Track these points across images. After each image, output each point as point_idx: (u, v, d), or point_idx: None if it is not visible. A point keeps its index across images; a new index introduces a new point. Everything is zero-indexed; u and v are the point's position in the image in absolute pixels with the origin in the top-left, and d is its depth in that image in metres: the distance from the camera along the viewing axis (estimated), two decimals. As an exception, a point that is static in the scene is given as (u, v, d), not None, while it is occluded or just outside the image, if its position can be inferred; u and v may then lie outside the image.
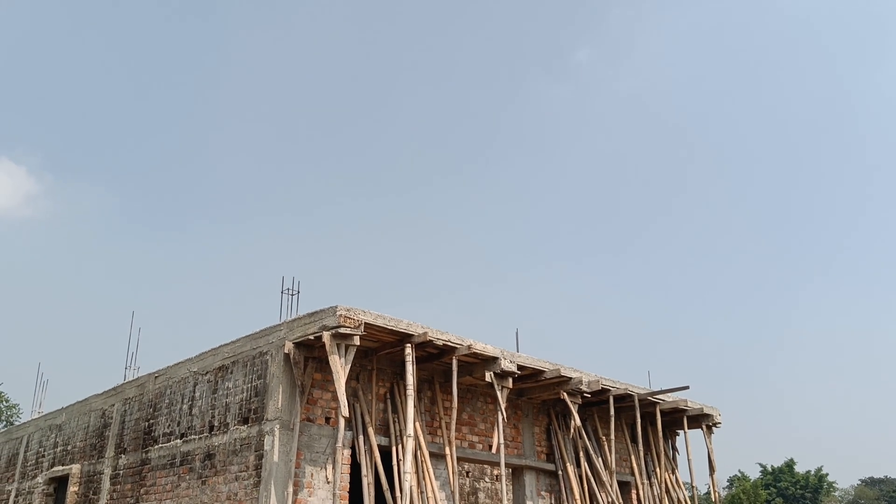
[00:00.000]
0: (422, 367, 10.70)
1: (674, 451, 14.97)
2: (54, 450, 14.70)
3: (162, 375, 12.12)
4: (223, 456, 10.11)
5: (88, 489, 12.99)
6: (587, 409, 13.24)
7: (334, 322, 9.20)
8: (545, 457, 12.62)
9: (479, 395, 11.97)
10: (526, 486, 12.11)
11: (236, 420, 10.15)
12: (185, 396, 11.38)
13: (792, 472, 74.70)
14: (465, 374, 10.99)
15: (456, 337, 10.40)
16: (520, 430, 12.41)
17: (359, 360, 10.19)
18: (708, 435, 14.45)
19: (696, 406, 14.09)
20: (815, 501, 73.54)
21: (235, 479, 9.71)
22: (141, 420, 12.26)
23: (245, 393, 10.18)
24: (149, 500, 11.26)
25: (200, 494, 10.25)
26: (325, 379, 9.97)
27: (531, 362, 11.51)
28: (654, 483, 13.78)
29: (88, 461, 13.34)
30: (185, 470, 10.75)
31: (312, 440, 9.64)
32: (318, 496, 9.45)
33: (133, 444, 12.22)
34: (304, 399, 9.64)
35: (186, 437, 10.98)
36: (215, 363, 10.96)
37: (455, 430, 10.64)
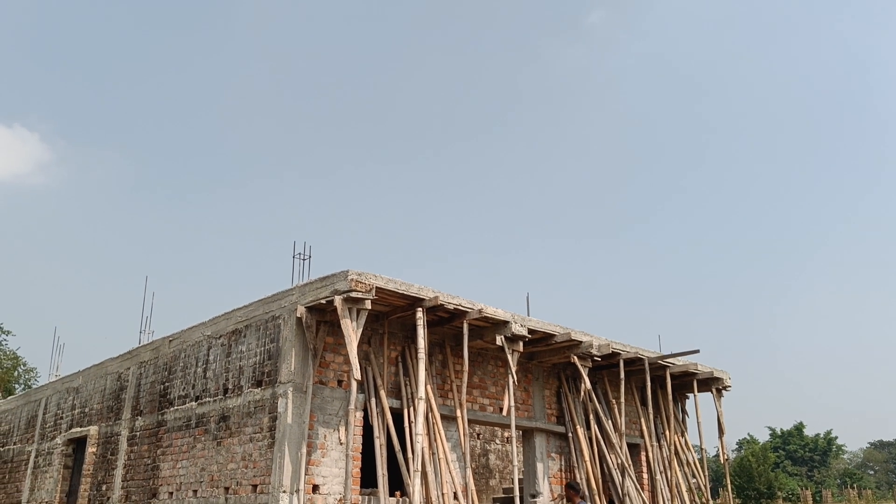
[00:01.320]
0: (433, 331, 10.77)
1: (683, 414, 15.07)
2: (72, 412, 14.96)
3: (176, 339, 12.26)
4: (238, 418, 10.26)
5: (106, 450, 13.24)
6: (597, 373, 13.32)
7: (346, 286, 9.26)
8: (555, 419, 12.74)
9: (489, 358, 12.05)
10: (536, 447, 12.25)
11: (250, 383, 10.28)
12: (199, 360, 11.52)
13: (801, 435, 75.16)
14: (476, 338, 11.06)
15: (467, 301, 10.44)
16: (530, 393, 12.52)
17: (370, 324, 10.26)
18: (717, 398, 14.52)
19: (706, 370, 14.14)
20: (823, 464, 74.06)
21: (250, 441, 9.87)
22: (156, 383, 12.44)
23: (258, 356, 10.29)
24: (166, 460, 11.48)
25: (216, 455, 10.43)
26: (337, 343, 10.06)
27: (542, 326, 11.55)
28: (663, 445, 13.90)
29: (106, 423, 13.57)
30: (200, 431, 10.93)
31: (325, 403, 9.76)
32: (332, 457, 9.60)
33: (149, 407, 12.42)
34: (317, 362, 9.74)
35: (201, 400, 11.15)
36: (228, 327, 11.07)
37: (466, 392, 10.74)
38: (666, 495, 13.31)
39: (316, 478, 9.38)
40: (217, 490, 10.18)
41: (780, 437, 75.01)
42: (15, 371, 46.10)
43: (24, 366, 47.26)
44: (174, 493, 11.02)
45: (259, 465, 9.56)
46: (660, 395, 14.02)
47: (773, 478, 48.98)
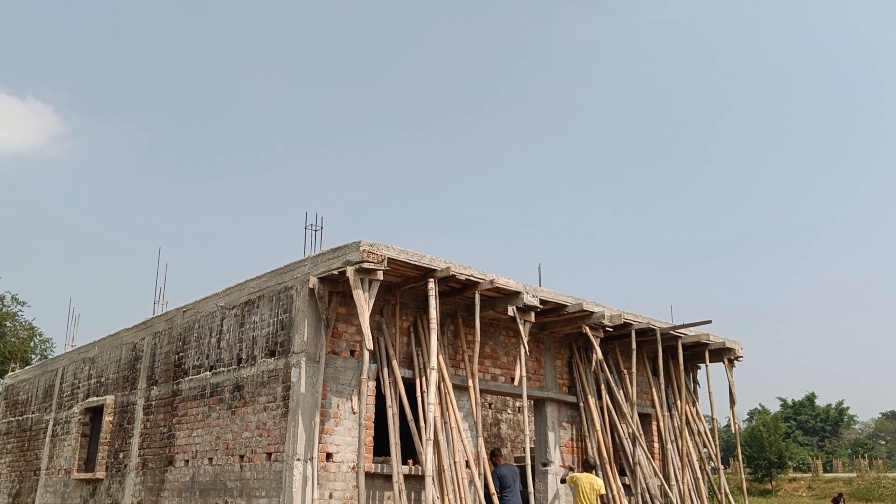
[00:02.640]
0: (445, 302, 10.79)
1: (695, 384, 15.09)
2: (88, 381, 15.15)
3: (190, 310, 12.35)
4: (251, 387, 10.36)
5: (123, 419, 13.43)
6: (609, 343, 13.34)
7: (358, 257, 9.27)
8: (567, 389, 12.79)
9: (501, 328, 12.08)
10: (547, 417, 12.32)
11: (263, 353, 10.35)
12: (212, 330, 11.61)
13: (812, 405, 75.31)
14: (488, 309, 11.07)
15: (478, 272, 10.44)
16: (542, 364, 12.56)
17: (382, 295, 10.29)
18: (729, 368, 14.52)
19: (719, 340, 14.12)
20: (834, 434, 74.21)
21: (264, 410, 9.98)
22: (171, 353, 12.56)
23: (271, 327, 10.35)
24: (181, 429, 11.63)
25: (230, 424, 10.56)
26: (349, 313, 10.10)
27: (554, 297, 11.55)
28: (674, 415, 13.95)
29: (122, 392, 13.75)
30: (215, 401, 11.05)
31: (338, 372, 9.83)
32: (345, 426, 9.69)
33: (164, 376, 12.56)
34: (329, 333, 9.80)
35: (215, 370, 11.25)
36: (241, 298, 11.13)
37: (478, 363, 10.78)
38: (676, 464, 13.38)
39: (329, 446, 9.48)
40: (232, 458, 10.32)
41: (792, 407, 75.22)
42: (31, 342, 46.68)
43: (39, 336, 47.84)
44: (190, 461, 11.18)
45: (273, 433, 9.67)
46: (671, 366, 14.03)
47: (783, 448, 49.16)
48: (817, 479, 47.65)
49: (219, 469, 10.52)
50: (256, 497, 9.64)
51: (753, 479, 46.24)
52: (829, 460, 59.77)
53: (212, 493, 10.51)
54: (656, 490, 12.60)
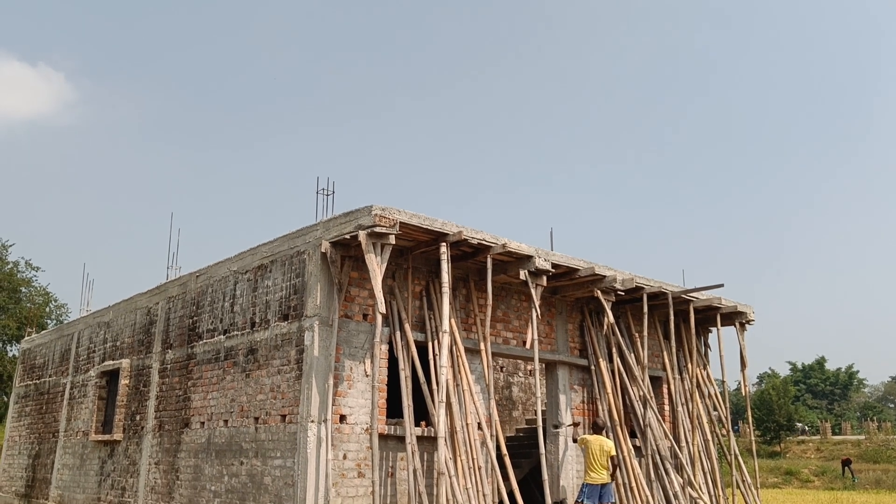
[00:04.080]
0: (456, 266, 10.80)
1: (706, 347, 15.11)
2: (104, 345, 15.33)
3: (203, 275, 12.42)
4: (265, 351, 10.45)
5: (139, 382, 13.61)
6: (620, 307, 13.35)
7: (370, 221, 9.26)
8: (578, 352, 12.84)
9: (513, 292, 12.10)
10: (559, 380, 12.39)
11: (276, 317, 10.43)
12: (226, 294, 11.69)
13: (822, 369, 75.48)
14: (500, 273, 11.08)
15: (490, 236, 10.42)
16: (553, 327, 12.60)
17: (394, 259, 10.31)
18: (741, 332, 14.53)
19: (730, 304, 14.11)
20: (844, 397, 74.47)
21: (278, 373, 10.08)
22: (185, 317, 12.67)
23: (284, 291, 10.41)
24: (196, 392, 11.78)
25: (245, 387, 10.68)
26: (361, 277, 10.13)
27: (565, 261, 11.54)
28: (685, 378, 14.00)
29: (137, 356, 13.91)
30: (229, 364, 11.17)
31: (351, 336, 9.90)
32: (358, 388, 9.78)
33: (178, 340, 12.68)
34: (342, 296, 9.84)
35: (229, 333, 11.35)
36: (254, 262, 11.18)
37: (490, 326, 10.82)
38: (687, 426, 13.47)
39: (343, 408, 9.59)
40: (247, 420, 10.45)
41: (802, 371, 75.44)
42: (46, 307, 47.20)
43: (55, 302, 48.36)
44: (205, 423, 11.35)
45: (287, 396, 9.78)
46: (682, 329, 14.05)
47: (792, 411, 49.45)
48: (826, 441, 47.96)
49: (234, 431, 10.67)
50: (272, 458, 9.78)
51: (762, 441, 46.60)
52: (837, 423, 60.09)
53: (227, 455, 10.68)
54: (666, 451, 12.71)
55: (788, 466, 38.57)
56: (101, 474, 14.06)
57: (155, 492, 12.22)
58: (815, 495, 26.02)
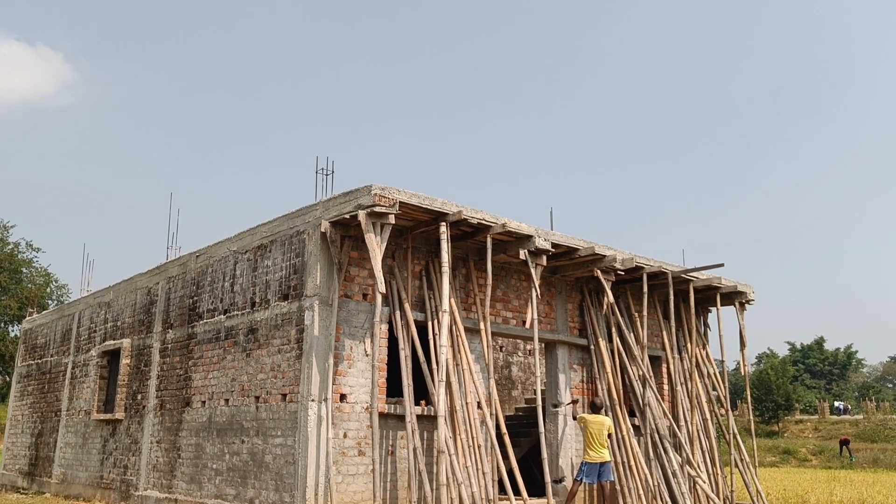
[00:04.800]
0: (456, 246, 10.80)
1: (705, 327, 15.14)
2: (105, 325, 15.36)
3: (203, 255, 12.42)
4: (265, 330, 10.48)
5: (140, 361, 13.65)
6: (620, 287, 13.36)
7: (369, 201, 9.25)
8: (578, 332, 12.87)
9: (513, 272, 12.11)
10: (558, 359, 12.43)
11: (277, 297, 10.44)
12: (226, 274, 11.70)
13: (821, 349, 75.74)
14: (500, 252, 11.08)
15: (490, 215, 10.41)
16: (553, 307, 12.62)
17: (394, 239, 10.30)
18: (740, 312, 14.55)
19: (730, 283, 14.11)
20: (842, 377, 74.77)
21: (278, 352, 10.11)
22: (185, 297, 12.68)
23: (284, 271, 10.42)
24: (197, 371, 11.82)
25: (245, 366, 10.72)
26: (361, 257, 10.13)
27: (565, 240, 11.53)
28: (684, 358, 14.05)
29: (138, 336, 13.95)
30: (229, 343, 11.20)
31: (351, 315, 9.92)
32: (358, 368, 9.82)
33: (179, 320, 12.71)
34: (342, 276, 9.85)
35: (229, 313, 11.37)
36: (254, 242, 11.17)
37: (489, 306, 10.84)
38: (686, 406, 13.53)
39: (343, 387, 9.63)
40: (248, 399, 10.50)
41: (801, 351, 75.73)
42: (47, 287, 47.31)
43: (55, 283, 48.48)
44: (206, 402, 11.40)
45: (288, 375, 9.82)
46: (682, 309, 14.07)
47: (791, 390, 49.67)
48: (823, 421, 48.25)
49: (235, 410, 10.72)
50: (272, 436, 9.84)
51: (760, 421, 46.86)
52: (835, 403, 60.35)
53: (228, 433, 10.74)
54: (665, 431, 12.78)
55: (786, 446, 38.83)
56: (104, 453, 14.15)
57: (157, 470, 12.31)
58: (813, 474, 26.21)
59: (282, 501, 9.40)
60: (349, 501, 9.32)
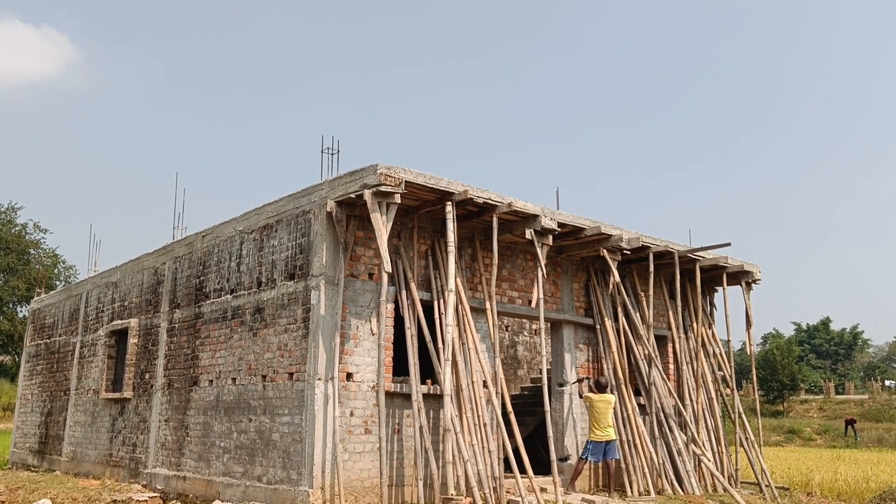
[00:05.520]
0: (462, 225, 10.79)
1: (711, 307, 15.13)
2: (112, 305, 15.44)
3: (209, 234, 12.44)
4: (272, 310, 10.51)
5: (147, 341, 13.73)
6: (626, 267, 13.35)
7: (375, 180, 9.23)
8: (583, 312, 12.88)
9: (518, 252, 12.10)
10: (564, 339, 12.46)
11: (283, 276, 10.46)
12: (232, 254, 11.72)
13: (827, 329, 75.65)
14: (506, 232, 11.06)
15: (496, 195, 10.38)
16: (559, 286, 12.62)
17: (400, 219, 10.29)
18: (747, 291, 14.51)
19: (737, 263, 14.08)
20: (848, 357, 74.74)
21: (285, 331, 10.15)
22: (192, 277, 12.73)
23: (290, 250, 10.43)
24: (204, 350, 11.89)
25: (252, 345, 10.77)
26: (367, 237, 10.13)
27: (571, 220, 11.51)
28: (690, 337, 14.05)
29: (145, 315, 14.01)
30: (236, 323, 11.25)
31: (357, 295, 9.94)
32: (364, 347, 9.86)
33: (186, 300, 12.76)
34: (348, 256, 9.85)
35: (236, 293, 11.41)
36: (260, 222, 11.18)
37: (495, 285, 10.84)
38: (691, 385, 13.56)
39: (349, 366, 9.67)
40: (255, 378, 10.57)
41: (806, 331, 75.66)
42: (55, 268, 47.54)
43: (63, 263, 48.71)
44: (214, 381, 11.47)
45: (294, 354, 9.87)
46: (688, 289, 14.06)
47: (796, 371, 49.73)
48: (829, 400, 48.36)
49: (242, 388, 10.79)
50: (279, 415, 9.91)
51: (765, 400, 46.97)
52: (841, 383, 60.45)
53: (236, 412, 10.82)
54: (670, 409, 12.82)
55: (791, 425, 38.93)
56: (113, 431, 14.28)
57: (165, 448, 12.42)
58: (818, 453, 26.31)
59: (289, 479, 9.48)
60: (356, 479, 9.40)
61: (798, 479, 16.25)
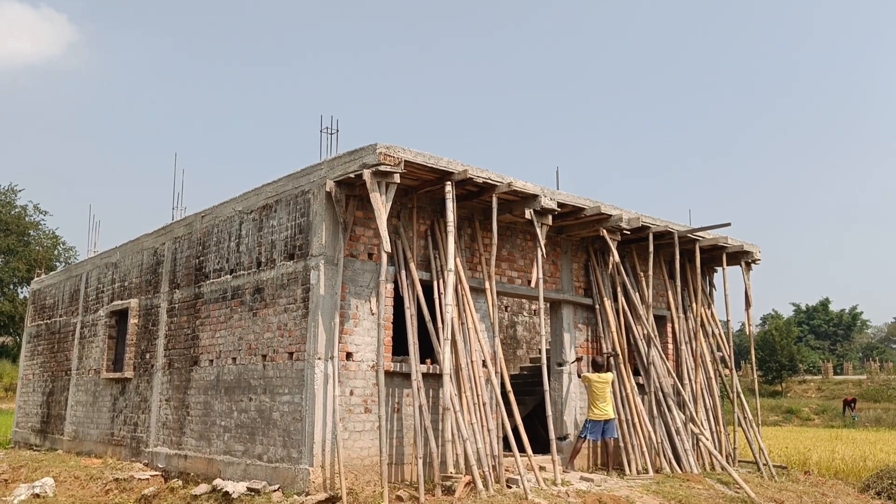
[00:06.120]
0: (462, 206, 10.77)
1: (711, 287, 15.15)
2: (112, 286, 15.46)
3: (208, 215, 12.42)
4: (272, 290, 10.52)
5: (147, 321, 13.76)
6: (626, 247, 13.35)
7: (374, 160, 9.20)
8: (583, 292, 12.90)
9: (518, 232, 12.09)
10: (563, 319, 12.48)
11: (282, 256, 10.46)
12: (231, 234, 11.71)
13: (826, 310, 75.85)
14: (505, 212, 11.04)
15: (496, 175, 10.36)
16: (558, 267, 12.63)
17: (399, 199, 10.27)
18: (746, 271, 14.52)
19: (737, 243, 14.08)
20: (847, 338, 74.97)
21: (284, 311, 10.17)
22: (191, 257, 12.73)
23: (289, 230, 10.42)
24: (204, 330, 11.92)
25: (252, 325, 10.79)
26: (366, 217, 10.12)
27: (571, 200, 11.49)
28: (689, 317, 14.08)
29: (145, 296, 14.03)
30: (236, 303, 11.27)
31: (356, 275, 9.94)
32: (364, 326, 9.88)
33: (186, 280, 12.77)
34: (347, 236, 9.85)
35: (236, 273, 11.42)
36: (259, 202, 11.16)
37: (495, 265, 10.85)
38: (690, 365, 13.61)
39: (349, 346, 9.70)
40: (255, 357, 10.60)
41: (805, 312, 75.85)
42: (55, 250, 47.55)
43: (63, 245, 48.71)
44: (214, 361, 11.51)
45: (294, 333, 9.89)
46: (688, 269, 14.07)
47: (795, 351, 49.89)
48: (827, 381, 48.55)
49: (242, 368, 10.83)
50: (280, 394, 9.95)
51: (764, 381, 47.17)
52: (839, 363, 60.67)
53: (236, 391, 10.86)
54: (669, 389, 12.87)
55: (789, 405, 39.13)
56: (114, 411, 14.35)
57: (167, 427, 12.48)
58: (816, 433, 26.45)
59: (289, 457, 9.54)
60: (356, 457, 9.46)
61: (796, 458, 16.36)
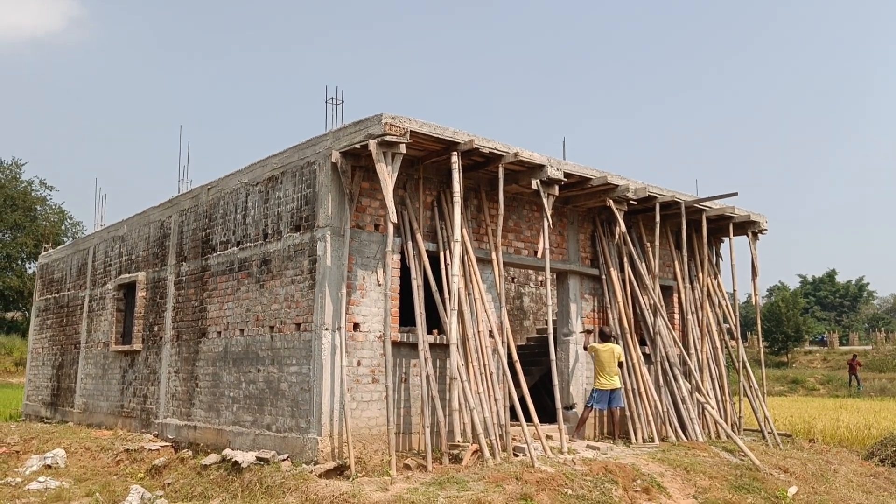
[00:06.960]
0: (468, 176, 10.73)
1: (717, 257, 15.11)
2: (119, 259, 15.51)
3: (214, 187, 12.41)
4: (278, 261, 10.54)
5: (155, 294, 13.82)
6: (632, 217, 13.30)
7: (380, 130, 9.15)
8: (589, 262, 12.89)
9: (524, 202, 12.05)
10: (570, 289, 12.49)
11: (289, 228, 10.46)
12: (238, 207, 11.71)
13: (833, 281, 75.80)
14: (512, 183, 11.01)
15: (502, 145, 10.30)
16: (565, 237, 12.60)
17: (405, 170, 10.24)
18: (753, 241, 14.49)
19: (743, 213, 14.02)
20: (853, 309, 74.96)
21: (291, 283, 10.19)
22: (198, 230, 12.74)
23: (296, 202, 10.41)
24: (212, 302, 11.97)
25: (259, 297, 10.83)
26: (372, 188, 10.10)
27: (578, 170, 11.43)
28: (695, 288, 14.07)
29: (153, 269, 14.08)
30: (243, 275, 11.30)
31: (363, 246, 9.95)
32: (371, 297, 9.90)
33: (192, 253, 12.80)
34: (353, 207, 9.83)
35: (242, 245, 11.43)
36: (265, 174, 11.14)
37: (501, 236, 10.83)
38: (696, 335, 13.63)
39: (356, 316, 9.73)
40: (262, 329, 10.65)
41: (812, 283, 75.82)
42: (62, 224, 47.68)
43: (70, 219, 48.82)
44: (222, 333, 11.57)
45: (301, 305, 9.92)
46: (694, 239, 14.03)
47: (801, 322, 49.89)
48: (832, 351, 48.61)
49: (250, 339, 10.89)
50: (287, 365, 10.01)
51: (770, 352, 47.25)
52: (845, 334, 60.73)
53: (244, 362, 10.93)
54: (675, 359, 12.91)
55: (795, 376, 39.22)
56: (123, 383, 14.48)
57: (176, 398, 12.59)
58: (821, 402, 26.54)
59: (298, 427, 9.62)
60: (364, 427, 9.53)
61: (800, 427, 16.44)
